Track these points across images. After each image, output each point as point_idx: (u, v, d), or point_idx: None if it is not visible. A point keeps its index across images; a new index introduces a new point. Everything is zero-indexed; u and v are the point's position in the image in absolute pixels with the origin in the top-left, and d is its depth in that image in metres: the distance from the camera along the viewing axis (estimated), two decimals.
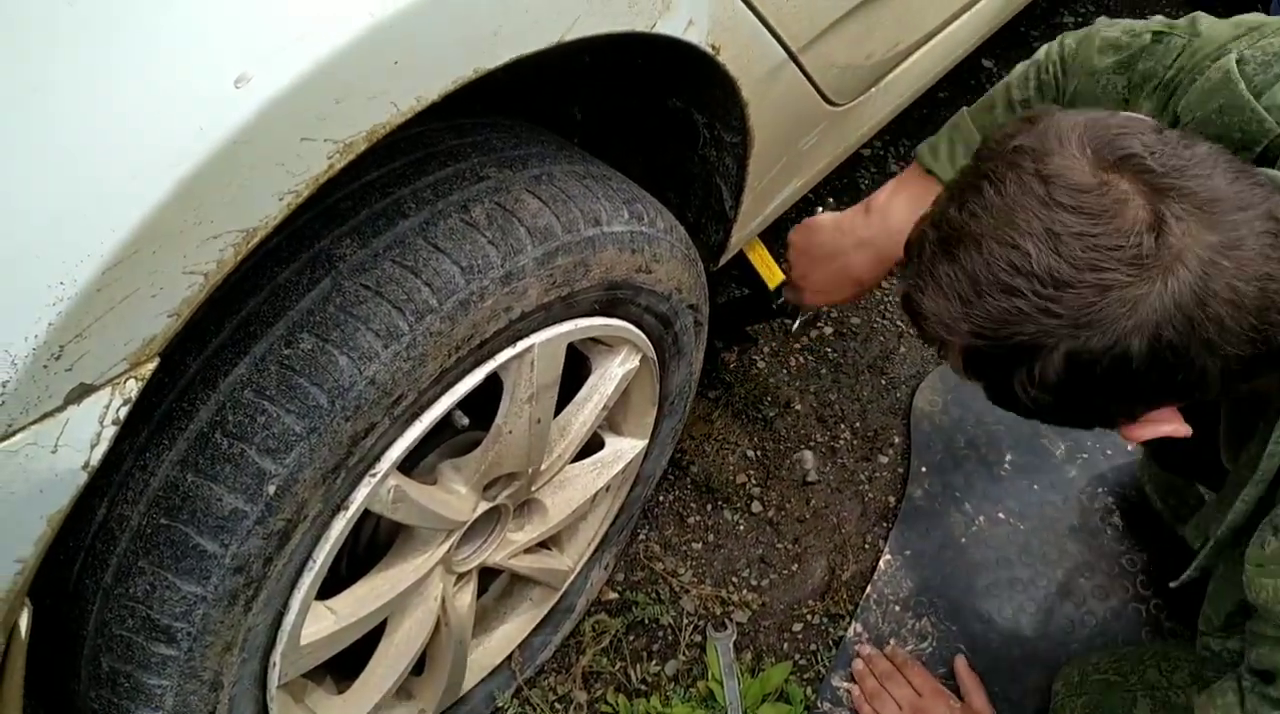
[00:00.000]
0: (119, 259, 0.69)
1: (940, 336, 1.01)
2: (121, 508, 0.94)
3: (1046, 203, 0.93)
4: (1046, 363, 0.95)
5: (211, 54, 0.71)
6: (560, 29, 0.91)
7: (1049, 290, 0.92)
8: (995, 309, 0.95)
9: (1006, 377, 0.99)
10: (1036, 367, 0.96)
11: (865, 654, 1.70)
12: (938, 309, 0.99)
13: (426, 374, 1.01)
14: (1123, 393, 0.98)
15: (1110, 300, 0.91)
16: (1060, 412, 1.02)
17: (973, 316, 0.96)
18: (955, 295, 0.97)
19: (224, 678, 1.02)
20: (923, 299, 1.01)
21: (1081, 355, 0.93)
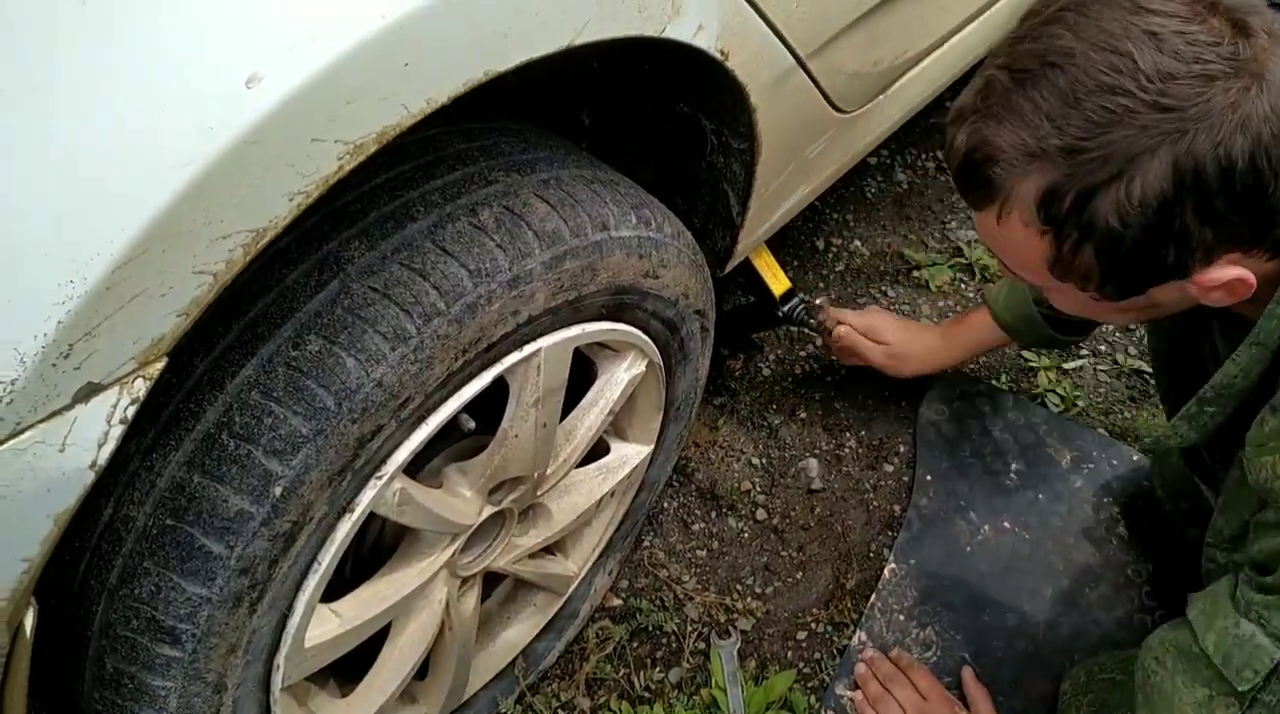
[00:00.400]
0: (129, 258, 0.69)
1: (1011, 178, 0.99)
2: (127, 508, 0.94)
3: (1136, 9, 0.94)
4: (1147, 172, 0.93)
5: (222, 54, 0.71)
6: (570, 33, 0.91)
7: (1156, 84, 0.92)
8: (1096, 110, 0.93)
9: (1094, 205, 0.96)
10: (1136, 179, 0.94)
11: (868, 657, 1.69)
12: (1017, 137, 0.97)
13: (433, 377, 1.01)
14: (1216, 216, 0.96)
15: (1215, 90, 0.92)
16: (1145, 249, 0.98)
17: (1068, 127, 0.94)
18: (1043, 115, 0.95)
19: (228, 680, 1.02)
20: (997, 134, 0.98)
21: (1188, 158, 0.92)
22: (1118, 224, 0.96)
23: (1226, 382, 1.15)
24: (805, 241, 2.33)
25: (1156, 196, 0.94)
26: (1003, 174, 0.99)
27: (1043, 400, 2.05)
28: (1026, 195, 0.99)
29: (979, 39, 1.79)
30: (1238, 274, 1.01)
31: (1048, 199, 0.98)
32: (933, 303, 2.22)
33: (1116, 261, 1.01)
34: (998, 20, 1.82)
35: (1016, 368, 2.11)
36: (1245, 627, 1.11)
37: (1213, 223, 0.97)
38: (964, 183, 1.05)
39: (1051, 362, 2.12)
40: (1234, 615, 1.13)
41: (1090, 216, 0.97)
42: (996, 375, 2.10)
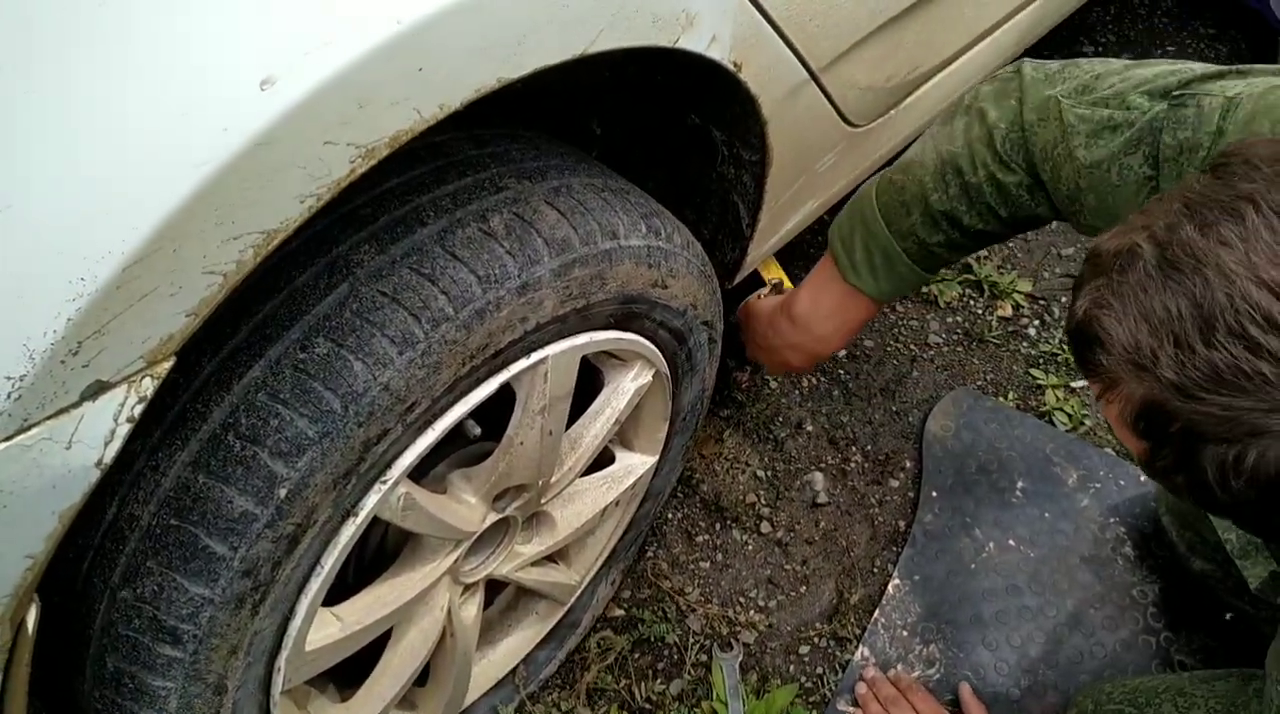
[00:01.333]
0: (140, 257, 0.69)
1: (1119, 377, 0.84)
2: (132, 507, 0.94)
3: None
4: (1268, 453, 0.77)
5: (237, 56, 0.72)
6: (584, 42, 0.91)
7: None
8: (1226, 365, 0.76)
9: (1195, 451, 0.81)
10: (1253, 453, 0.77)
11: (870, 678, 1.68)
12: (1134, 342, 0.81)
13: (440, 382, 1.01)
14: None
15: None
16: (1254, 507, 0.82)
17: (1187, 366, 0.78)
18: (1169, 333, 0.79)
19: (228, 682, 1.02)
20: (1114, 325, 0.82)
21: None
22: (1216, 482, 0.81)
23: None
24: (815, 256, 2.31)
25: (1271, 478, 0.78)
26: (1109, 367, 0.84)
27: (1050, 418, 2.05)
28: (1129, 397, 0.84)
29: (989, 57, 1.79)
30: None
31: (1149, 415, 0.83)
32: (941, 319, 2.22)
33: (1213, 507, 0.86)
34: (1007, 40, 1.82)
35: (1024, 385, 2.11)
36: None
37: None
38: (1073, 345, 0.91)
39: (1060, 380, 2.11)
40: None
41: (1190, 459, 0.82)
42: (1004, 392, 2.09)
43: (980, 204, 1.29)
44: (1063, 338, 2.20)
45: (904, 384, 2.10)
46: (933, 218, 1.33)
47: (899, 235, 1.36)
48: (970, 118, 1.28)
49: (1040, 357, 2.17)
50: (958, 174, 1.28)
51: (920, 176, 1.32)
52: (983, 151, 1.25)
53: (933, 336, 2.19)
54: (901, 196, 1.34)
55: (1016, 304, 2.26)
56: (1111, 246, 0.86)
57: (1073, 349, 0.91)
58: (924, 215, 1.33)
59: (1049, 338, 2.20)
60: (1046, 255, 2.36)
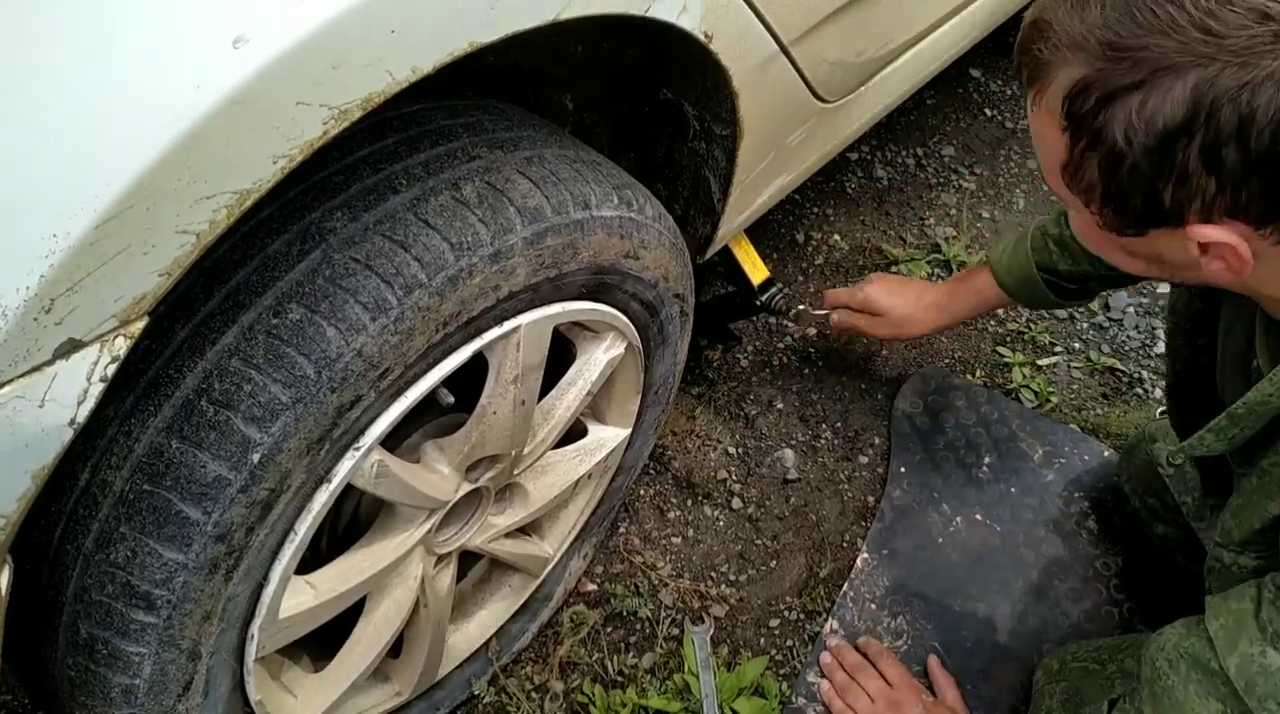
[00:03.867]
0: (113, 214, 0.69)
1: (1055, 55, 0.94)
2: (105, 473, 0.94)
3: None
4: (1168, 91, 0.88)
5: (210, 14, 0.72)
6: (555, 7, 0.91)
7: (1209, 2, 0.86)
8: (1144, 14, 0.88)
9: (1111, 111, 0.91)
10: (1154, 95, 0.88)
11: (834, 646, 1.70)
12: (1071, 19, 0.92)
13: (413, 349, 1.02)
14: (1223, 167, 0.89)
15: (1265, 32, 0.85)
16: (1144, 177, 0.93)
17: (1114, 24, 0.89)
18: (1100, 5, 0.91)
19: (202, 648, 1.02)
20: (1057, 11, 0.94)
21: (1207, 91, 0.86)
22: (1123, 139, 0.91)
23: (1261, 399, 1.12)
24: (785, 234, 2.34)
25: (1165, 119, 0.88)
26: (1047, 55, 0.95)
27: (1017, 395, 2.07)
28: (1060, 84, 0.94)
29: (959, 34, 1.80)
30: (1232, 240, 0.95)
31: (1075, 93, 0.93)
32: None
33: (1116, 182, 0.95)
34: (978, 17, 1.83)
35: (991, 363, 2.13)
36: (1273, 657, 1.09)
37: (1217, 172, 0.90)
38: (1018, 56, 1.00)
39: (1026, 358, 2.13)
40: (1261, 642, 1.11)
41: (1103, 123, 0.92)
42: (971, 370, 2.11)
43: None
44: (1029, 317, 2.22)
45: (873, 362, 2.12)
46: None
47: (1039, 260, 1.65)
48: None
49: (1007, 335, 2.19)
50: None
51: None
52: None
53: None
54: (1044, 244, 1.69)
55: None
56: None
57: (1018, 60, 1.01)
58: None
59: (1016, 316, 2.22)
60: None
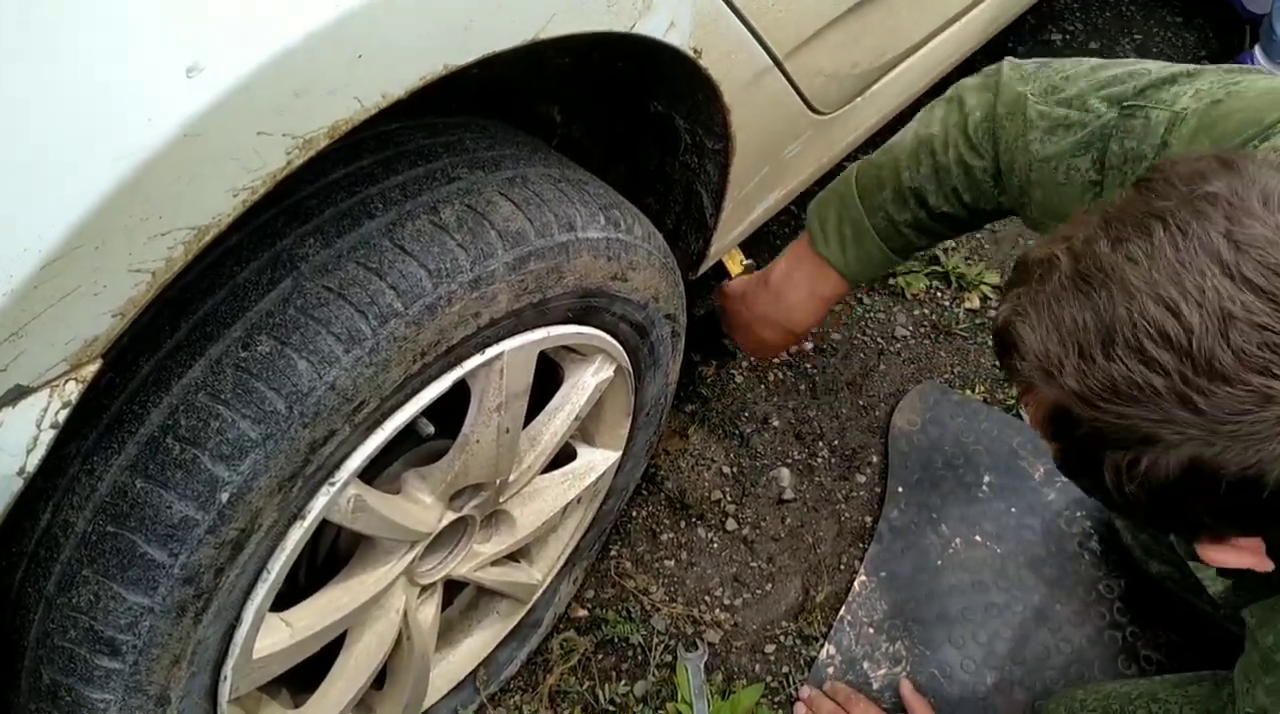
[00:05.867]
0: (59, 254, 0.66)
1: (1031, 381, 0.87)
2: (67, 513, 0.91)
3: (1231, 274, 0.78)
4: (1159, 460, 0.81)
5: (162, 41, 0.68)
6: (534, 27, 0.88)
7: (1200, 379, 0.77)
8: (1122, 378, 0.80)
9: (1097, 456, 0.85)
10: (1145, 460, 0.81)
11: (806, 697, 1.66)
12: (1044, 350, 0.84)
13: (390, 380, 0.98)
14: (1231, 514, 0.84)
15: (1269, 416, 0.77)
16: (1145, 511, 0.87)
17: (1088, 376, 0.82)
18: (1074, 343, 0.82)
19: (171, 692, 0.99)
20: (1027, 332, 0.86)
21: (1207, 466, 0.79)
22: (1113, 486, 0.85)
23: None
24: (781, 247, 2.29)
25: (1160, 482, 0.82)
26: (1024, 372, 0.87)
27: (1017, 411, 2.03)
28: (1042, 400, 0.88)
29: (956, 44, 1.78)
30: (1246, 561, 0.91)
31: (1057, 420, 0.87)
32: (908, 311, 2.20)
33: (1116, 508, 0.92)
34: (975, 26, 1.80)
35: (991, 378, 2.10)
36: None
37: (1225, 517, 0.86)
38: (996, 349, 0.94)
39: None
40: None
41: (1093, 462, 0.86)
42: (971, 385, 2.08)
43: (947, 185, 1.32)
44: None
45: (870, 378, 2.08)
46: (902, 194, 1.35)
47: (870, 210, 1.39)
48: (950, 106, 1.32)
49: None
50: (930, 154, 1.32)
51: (897, 155, 1.36)
52: (956, 135, 1.29)
53: (900, 329, 2.17)
54: (878, 174, 1.38)
55: (984, 296, 2.24)
56: (1035, 256, 0.89)
57: (996, 353, 0.95)
58: (894, 191, 1.36)
59: None
60: (1014, 246, 2.34)
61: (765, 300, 1.57)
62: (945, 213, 1.35)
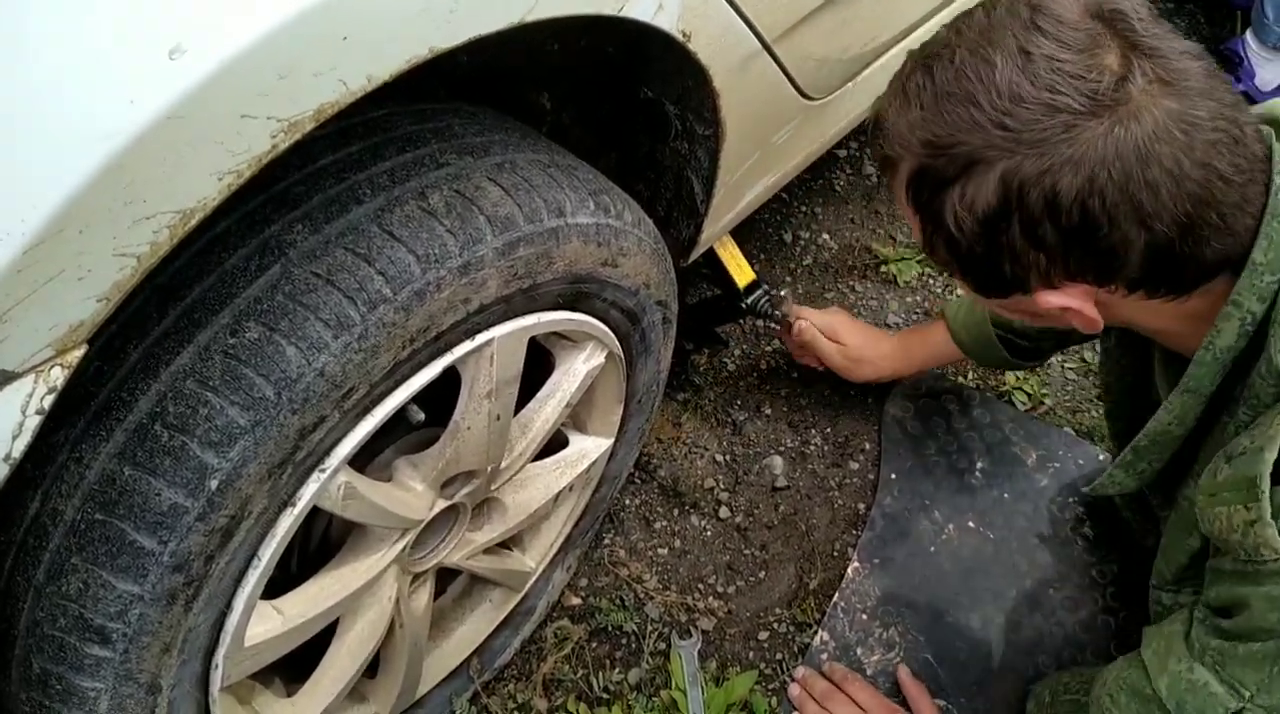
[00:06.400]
0: (42, 239, 0.65)
1: (893, 152, 1.04)
2: (55, 501, 0.90)
3: (1028, 26, 0.97)
4: (982, 182, 0.98)
5: (145, 23, 0.67)
6: (521, 9, 0.87)
7: (1004, 102, 0.96)
8: (951, 117, 0.98)
9: (941, 200, 1.02)
10: (971, 186, 0.99)
11: (800, 676, 1.66)
12: (898, 120, 1.03)
13: (379, 367, 0.97)
14: (1044, 243, 1.00)
15: (1056, 123, 0.94)
16: (983, 257, 1.04)
17: (928, 124, 1.00)
18: (918, 104, 1.01)
19: (162, 680, 0.98)
20: (888, 113, 1.05)
21: (1014, 179, 0.96)
22: (954, 225, 1.03)
23: (1161, 429, 1.16)
24: (772, 234, 2.30)
25: (984, 208, 1.00)
26: (886, 150, 1.06)
27: (1009, 398, 2.03)
28: (902, 176, 1.05)
29: None
30: (1073, 304, 1.05)
31: (912, 184, 1.05)
32: (900, 298, 2.20)
33: (961, 259, 1.07)
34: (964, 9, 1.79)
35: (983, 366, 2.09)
36: (1200, 673, 1.09)
37: (1043, 249, 1.01)
38: (870, 147, 1.13)
39: None
40: (1188, 659, 1.11)
41: (938, 210, 1.03)
42: (963, 372, 2.07)
43: None
44: None
45: None
46: None
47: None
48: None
49: None
50: None
51: None
52: None
53: (892, 316, 2.17)
54: None
55: None
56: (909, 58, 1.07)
57: (871, 149, 1.15)
58: None
59: None
60: None
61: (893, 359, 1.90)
62: None
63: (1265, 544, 0.99)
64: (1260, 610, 1.02)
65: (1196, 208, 0.95)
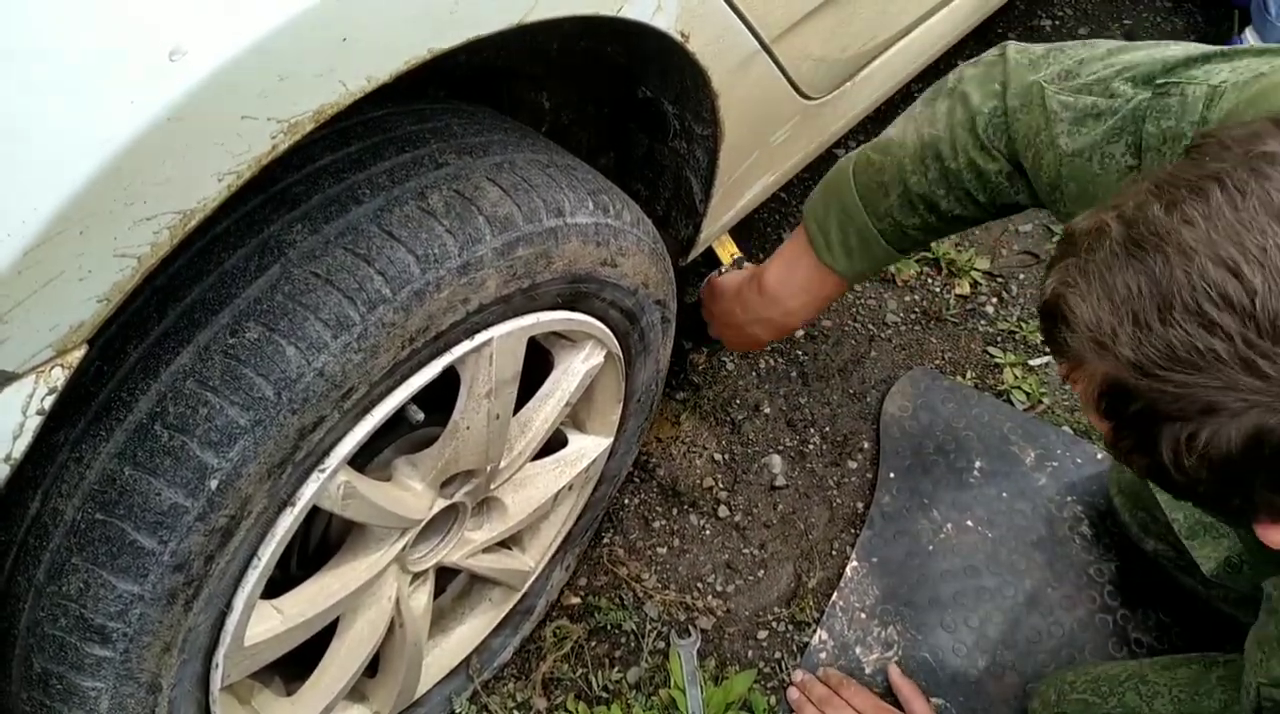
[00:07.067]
0: (42, 239, 0.65)
1: (1083, 355, 0.83)
2: (55, 501, 0.90)
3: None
4: (1221, 431, 0.76)
5: (145, 24, 0.67)
6: (520, 10, 0.87)
7: (1264, 342, 0.73)
8: (1181, 343, 0.76)
9: (1154, 431, 0.80)
10: (1205, 432, 0.77)
11: (799, 681, 1.66)
12: (1096, 320, 0.80)
13: (379, 366, 0.98)
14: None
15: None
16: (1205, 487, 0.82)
17: (1144, 344, 0.77)
18: (1129, 311, 0.78)
19: (162, 680, 0.99)
20: (1078, 303, 0.82)
21: (1272, 435, 0.75)
22: (1171, 462, 0.81)
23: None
24: (771, 233, 2.30)
25: (1221, 456, 0.77)
26: (1073, 346, 0.84)
27: (1008, 397, 2.03)
28: (1093, 376, 0.84)
29: (946, 28, 1.77)
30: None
31: (1111, 394, 0.83)
32: (899, 297, 2.20)
33: (1171, 488, 0.86)
34: (964, 10, 1.80)
35: (982, 364, 2.10)
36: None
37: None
38: (1042, 324, 0.91)
39: (1018, 358, 2.10)
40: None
41: (1149, 438, 0.81)
42: (962, 371, 2.08)
43: (959, 190, 1.28)
44: (1020, 316, 2.19)
45: (862, 364, 2.08)
46: (910, 201, 1.31)
47: (875, 216, 1.35)
48: (953, 101, 1.26)
49: (998, 335, 2.15)
50: (938, 159, 1.26)
51: (900, 158, 1.30)
52: (964, 136, 1.24)
53: (890, 316, 2.17)
54: (880, 177, 1.32)
55: (974, 282, 2.24)
56: (1083, 226, 0.85)
57: (1042, 328, 0.91)
58: (901, 198, 1.31)
59: (1007, 316, 2.19)
60: (1004, 232, 2.34)
61: (761, 303, 1.55)
62: (958, 215, 1.31)
63: None
64: None
65: None
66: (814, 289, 1.49)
